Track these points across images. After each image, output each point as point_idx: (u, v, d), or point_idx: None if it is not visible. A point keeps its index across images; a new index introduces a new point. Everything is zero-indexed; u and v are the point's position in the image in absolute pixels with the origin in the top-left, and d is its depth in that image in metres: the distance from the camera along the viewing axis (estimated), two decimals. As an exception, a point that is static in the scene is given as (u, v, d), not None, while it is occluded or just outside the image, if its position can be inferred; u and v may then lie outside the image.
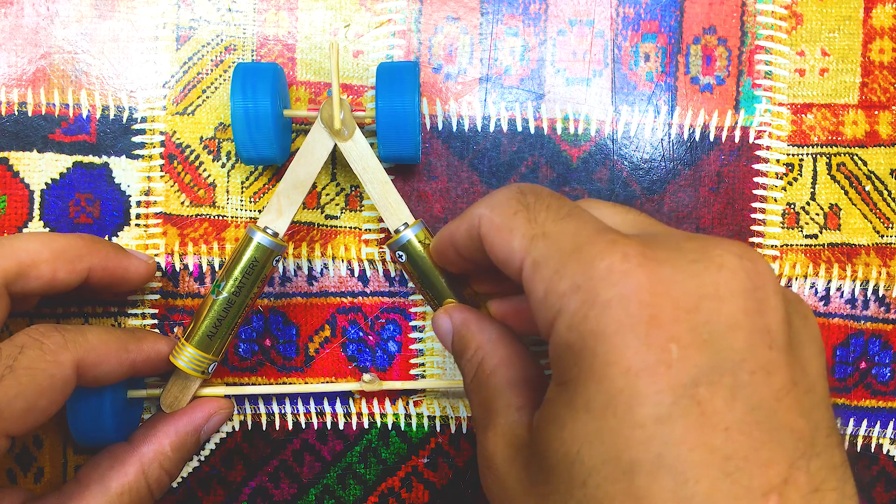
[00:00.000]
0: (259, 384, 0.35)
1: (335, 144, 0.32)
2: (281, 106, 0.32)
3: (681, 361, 0.19)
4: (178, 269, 0.35)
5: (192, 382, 0.32)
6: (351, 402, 0.35)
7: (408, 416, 0.35)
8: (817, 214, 0.35)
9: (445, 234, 0.28)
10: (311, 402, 0.35)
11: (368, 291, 0.35)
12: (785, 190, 0.35)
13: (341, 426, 0.35)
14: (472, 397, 0.28)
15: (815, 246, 0.35)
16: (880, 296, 0.35)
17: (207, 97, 0.34)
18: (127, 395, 0.32)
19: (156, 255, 0.35)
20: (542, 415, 0.22)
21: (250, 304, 0.31)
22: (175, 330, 0.35)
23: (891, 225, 0.35)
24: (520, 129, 0.35)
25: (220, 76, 0.34)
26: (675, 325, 0.20)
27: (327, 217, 0.35)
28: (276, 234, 0.31)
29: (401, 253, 0.31)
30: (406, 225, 0.31)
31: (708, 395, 0.19)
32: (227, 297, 0.31)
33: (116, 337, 0.30)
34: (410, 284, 0.35)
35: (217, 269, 0.35)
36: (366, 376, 0.33)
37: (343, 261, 0.35)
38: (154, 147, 0.34)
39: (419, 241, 0.31)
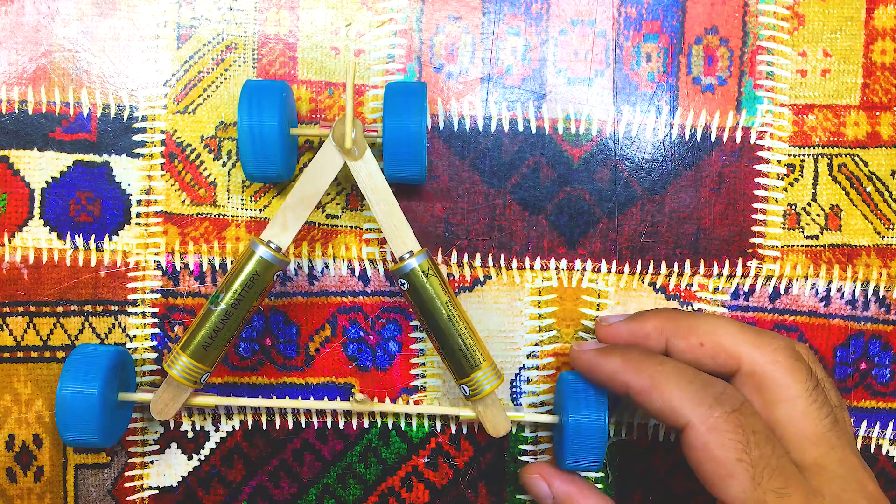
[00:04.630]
0: (259, 383, 0.35)
1: (344, 163, 0.32)
2: (288, 124, 0.32)
3: None
4: (178, 269, 0.35)
5: (183, 391, 0.32)
6: (351, 401, 0.35)
7: (408, 415, 0.35)
8: (818, 215, 0.35)
9: (608, 367, 0.30)
10: (312, 402, 0.35)
11: (369, 291, 0.35)
12: (786, 191, 0.35)
13: (341, 426, 0.35)
14: None
15: (815, 247, 0.35)
16: (881, 297, 0.35)
17: (208, 96, 0.34)
18: (118, 397, 0.32)
19: (156, 253, 0.34)
20: None
21: (248, 317, 0.31)
22: (175, 329, 0.35)
23: (891, 226, 0.35)
24: (521, 128, 0.35)
25: (221, 75, 0.34)
26: None
27: (328, 216, 0.35)
28: (278, 249, 0.31)
29: (403, 281, 0.31)
30: (411, 253, 0.31)
31: None
32: (225, 308, 0.30)
33: None
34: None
35: (218, 268, 0.35)
36: (357, 395, 0.32)
37: (344, 260, 0.35)
38: (155, 146, 0.34)
39: (423, 272, 0.31)
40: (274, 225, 0.31)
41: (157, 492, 0.35)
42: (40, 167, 0.34)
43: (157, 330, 0.35)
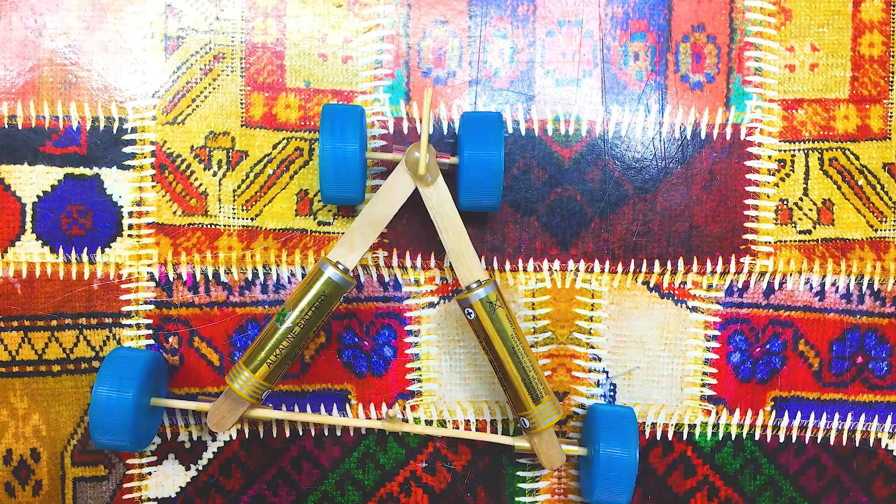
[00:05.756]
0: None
1: (416, 188, 0.32)
2: (363, 148, 0.32)
3: None
4: (171, 279, 0.35)
5: (241, 405, 0.32)
6: (348, 407, 0.35)
7: (406, 420, 0.35)
8: (810, 210, 0.35)
9: None
10: (308, 409, 0.35)
11: (363, 297, 0.35)
12: (777, 186, 0.35)
13: (339, 432, 0.35)
14: None
15: (808, 241, 0.35)
16: (875, 290, 0.35)
17: (197, 106, 0.34)
18: (150, 402, 0.32)
19: (149, 265, 0.34)
20: None
21: (312, 337, 0.31)
22: (170, 340, 0.35)
23: (884, 219, 0.35)
24: (511, 130, 0.35)
25: (210, 85, 0.34)
26: None
27: (320, 223, 0.35)
28: (346, 270, 0.31)
29: (470, 310, 0.31)
30: (479, 283, 0.31)
31: None
32: (290, 326, 0.31)
33: None
34: (407, 289, 0.35)
35: (210, 277, 0.35)
36: (390, 412, 0.33)
37: (337, 267, 0.35)
38: (145, 157, 0.34)
39: (490, 302, 0.31)
40: (342, 245, 0.31)
41: (155, 503, 0.35)
42: (31, 181, 0.34)
43: (151, 341, 0.35)
